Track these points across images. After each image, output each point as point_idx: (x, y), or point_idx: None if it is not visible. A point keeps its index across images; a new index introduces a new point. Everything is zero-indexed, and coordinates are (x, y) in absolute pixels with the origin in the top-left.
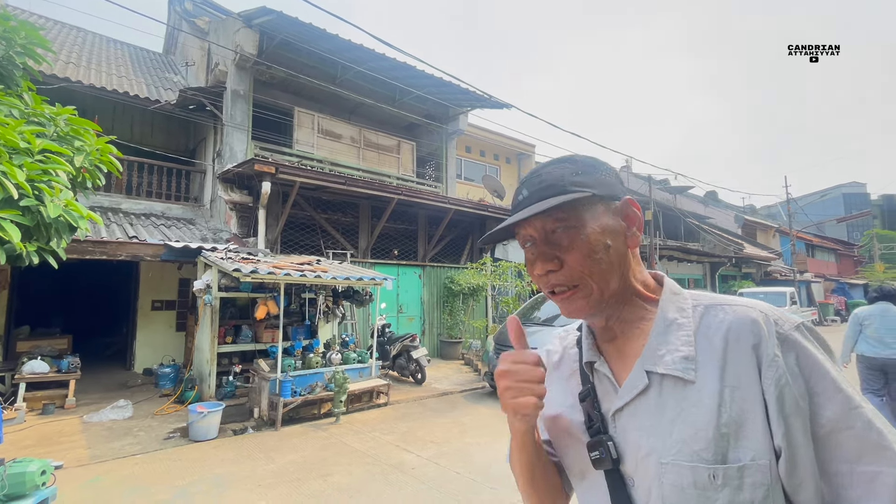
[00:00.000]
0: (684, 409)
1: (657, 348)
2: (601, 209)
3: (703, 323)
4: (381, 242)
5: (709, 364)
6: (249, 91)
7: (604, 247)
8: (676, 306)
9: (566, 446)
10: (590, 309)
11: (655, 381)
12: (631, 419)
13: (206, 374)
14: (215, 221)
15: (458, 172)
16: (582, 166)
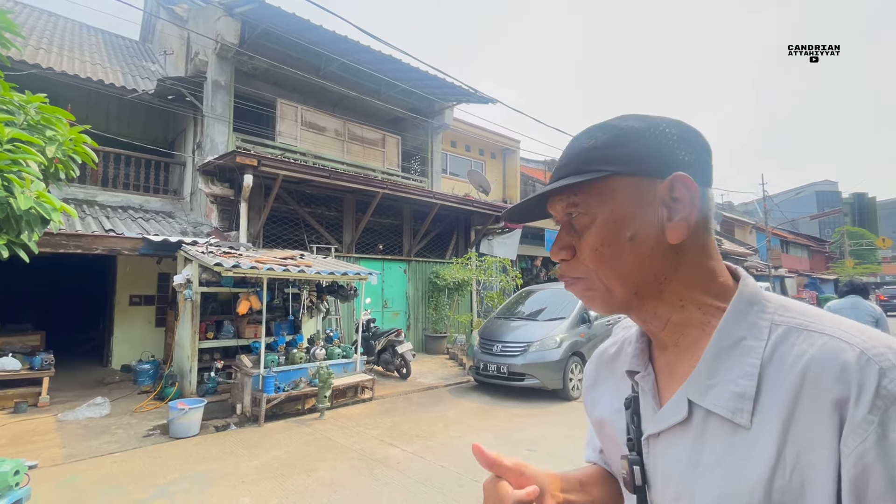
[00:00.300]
0: (729, 459)
1: (708, 375)
2: (629, 191)
3: (779, 351)
4: (365, 237)
5: (772, 409)
6: (231, 81)
7: (620, 239)
8: (749, 322)
9: (611, 453)
10: (599, 306)
11: (699, 415)
12: (666, 450)
13: (186, 371)
14: (196, 215)
15: (444, 167)
16: (613, 136)
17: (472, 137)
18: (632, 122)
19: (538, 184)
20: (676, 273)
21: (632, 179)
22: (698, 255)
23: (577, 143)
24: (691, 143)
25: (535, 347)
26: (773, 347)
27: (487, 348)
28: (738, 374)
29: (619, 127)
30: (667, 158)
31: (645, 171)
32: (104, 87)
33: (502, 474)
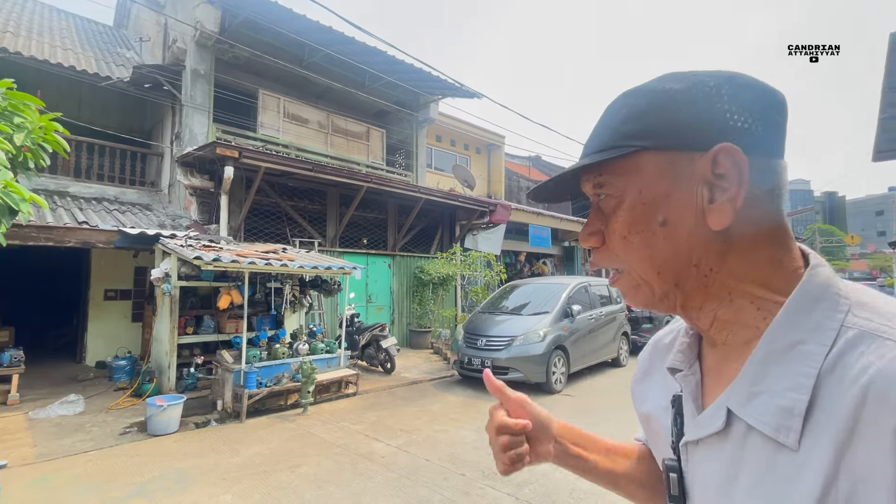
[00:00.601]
0: (770, 481)
1: (753, 381)
2: (661, 168)
3: (844, 361)
4: (349, 231)
5: (826, 429)
6: (211, 71)
7: (650, 225)
8: (813, 321)
9: (658, 450)
10: (642, 302)
11: (739, 427)
12: (705, 460)
13: (165, 366)
14: (174, 207)
15: (429, 162)
16: (648, 102)
17: (457, 132)
18: (671, 83)
19: (523, 180)
20: (724, 263)
21: (666, 154)
22: (755, 241)
23: (609, 114)
24: (750, 103)
25: (519, 341)
26: (838, 355)
27: (472, 343)
28: (787, 384)
29: (656, 91)
30: (712, 126)
31: (682, 144)
32: (76, 73)
33: (504, 402)
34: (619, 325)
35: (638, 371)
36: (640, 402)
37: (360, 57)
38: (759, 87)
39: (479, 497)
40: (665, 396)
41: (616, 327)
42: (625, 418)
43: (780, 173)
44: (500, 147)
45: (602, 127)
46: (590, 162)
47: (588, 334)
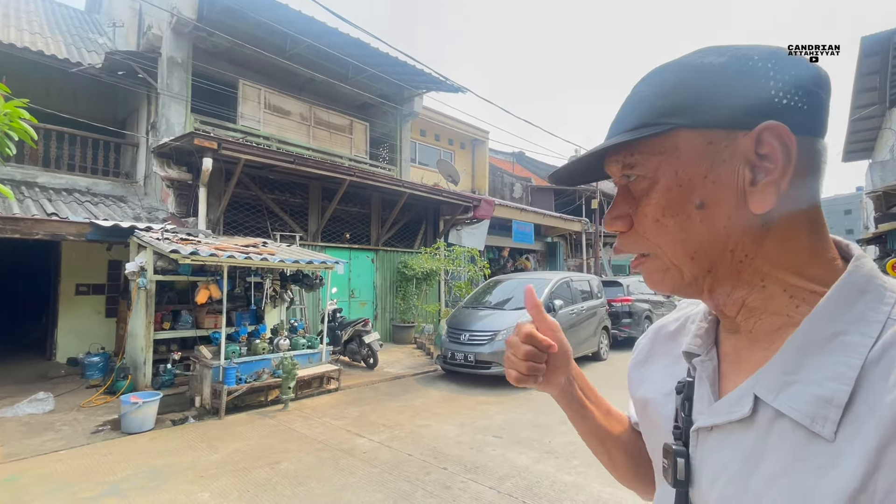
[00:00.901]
0: (798, 471)
1: (788, 369)
2: (699, 147)
3: (890, 353)
4: (332, 225)
5: (867, 421)
6: (188, 59)
7: (686, 207)
8: (856, 313)
9: (650, 436)
10: (669, 287)
11: (765, 414)
12: (717, 448)
13: (140, 363)
14: (150, 199)
15: (413, 156)
16: (684, 76)
17: (441, 127)
18: (711, 56)
19: (507, 175)
20: (761, 249)
21: (704, 133)
22: (794, 227)
23: (640, 89)
24: (795, 80)
25: (502, 336)
26: (885, 348)
27: (455, 337)
28: (827, 374)
29: (693, 65)
30: (756, 102)
31: (723, 122)
32: (45, 58)
33: (537, 321)
34: (600, 320)
35: (637, 356)
36: (636, 386)
37: (344, 48)
38: (804, 63)
39: (460, 491)
40: (667, 382)
41: (597, 322)
42: None
43: (822, 154)
44: (484, 142)
45: (633, 103)
46: (621, 140)
47: (569, 329)
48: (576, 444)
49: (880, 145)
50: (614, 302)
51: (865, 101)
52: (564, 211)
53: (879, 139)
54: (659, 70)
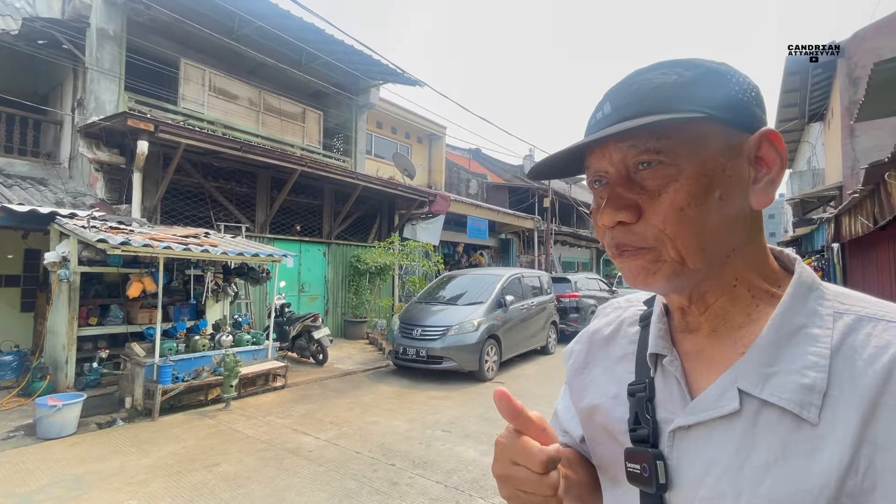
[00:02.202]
0: (787, 457)
1: (767, 362)
2: (720, 142)
3: (849, 342)
4: (281, 217)
5: (845, 404)
6: (122, 32)
7: (709, 198)
8: (809, 308)
9: (599, 444)
10: (662, 283)
11: (750, 407)
12: (699, 446)
13: (62, 362)
14: (75, 183)
15: (368, 148)
16: (700, 73)
17: (398, 120)
18: (713, 64)
19: (463, 171)
20: (744, 247)
21: (724, 128)
22: (759, 229)
23: (652, 77)
24: (763, 102)
25: (454, 331)
26: (842, 337)
27: (407, 332)
28: (803, 364)
29: (704, 66)
30: (752, 111)
31: (736, 121)
32: None
33: (524, 428)
34: (549, 315)
35: (573, 363)
36: (580, 394)
37: (297, 33)
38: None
39: (408, 486)
40: (611, 386)
41: (546, 317)
42: (552, 401)
43: None
44: (441, 138)
45: (649, 89)
46: (660, 119)
47: (520, 323)
48: None
49: (799, 157)
50: (563, 298)
51: (788, 115)
52: (518, 209)
53: (798, 151)
54: (668, 63)
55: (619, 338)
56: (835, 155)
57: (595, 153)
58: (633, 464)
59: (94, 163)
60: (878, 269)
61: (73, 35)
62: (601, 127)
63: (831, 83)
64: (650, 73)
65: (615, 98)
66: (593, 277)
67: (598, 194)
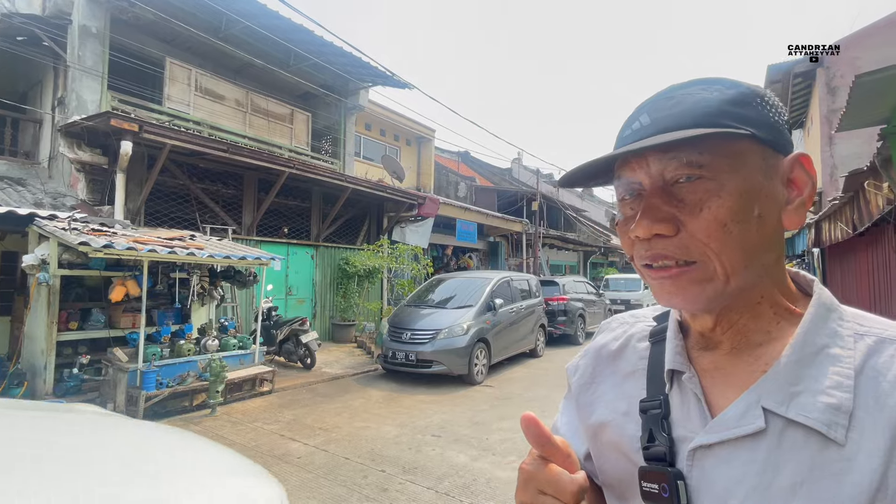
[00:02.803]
0: (816, 479)
1: (791, 381)
2: (759, 161)
3: (871, 363)
4: (268, 219)
5: (872, 425)
6: (105, 30)
7: (750, 215)
8: (830, 328)
9: (607, 461)
10: (703, 301)
11: (776, 426)
12: (722, 466)
13: (40, 367)
14: (55, 184)
15: (357, 150)
16: (740, 92)
17: (387, 122)
18: (752, 85)
19: (452, 174)
20: (774, 265)
21: (762, 148)
22: (784, 249)
23: (692, 91)
24: (788, 120)
25: (444, 335)
26: (864, 358)
27: (397, 336)
28: (828, 384)
29: (744, 85)
30: (786, 134)
31: (772, 142)
32: None
33: (551, 455)
34: (538, 318)
35: (579, 378)
36: (588, 410)
37: (285, 34)
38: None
39: (398, 493)
40: (621, 402)
41: (534, 320)
42: (542, 404)
43: None
44: (430, 140)
45: (691, 103)
46: (720, 133)
47: (509, 327)
48: (512, 439)
49: None
50: (551, 301)
51: None
52: (506, 212)
53: None
54: (709, 80)
55: (628, 353)
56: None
57: (630, 164)
58: (648, 483)
59: (75, 163)
60: (857, 273)
61: (54, 32)
62: (638, 138)
63: (811, 92)
64: (689, 87)
65: (653, 110)
66: (581, 280)
67: (628, 205)
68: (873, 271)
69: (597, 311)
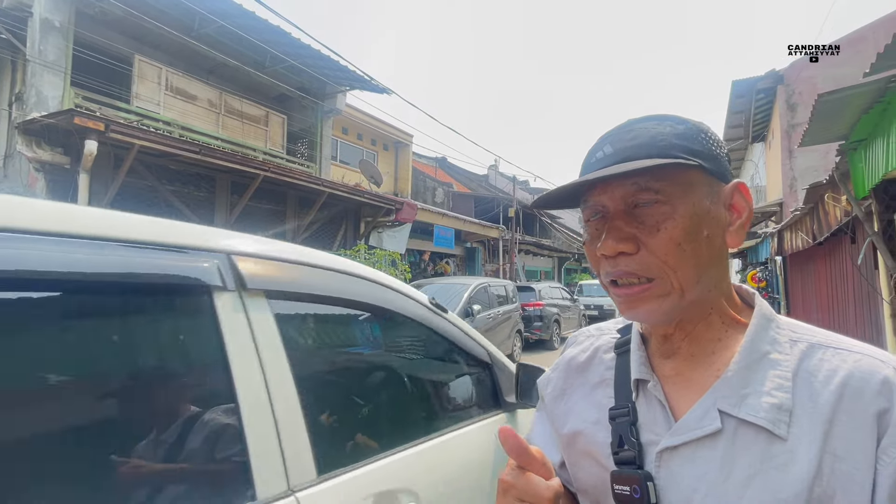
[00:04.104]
0: (765, 471)
1: (740, 385)
2: (705, 188)
3: (805, 366)
4: (242, 223)
5: (808, 421)
6: (70, 24)
7: (700, 235)
8: (770, 336)
9: (581, 469)
10: (661, 313)
11: (730, 426)
12: (686, 465)
13: None
14: (12, 183)
15: (334, 154)
16: (688, 128)
17: (365, 126)
18: (696, 121)
19: (429, 180)
20: (720, 280)
21: (708, 177)
22: (728, 266)
23: (649, 126)
24: (728, 154)
25: None
26: (799, 362)
27: None
28: (771, 386)
29: (690, 122)
30: (726, 165)
31: (716, 172)
32: None
33: (527, 464)
34: (514, 324)
35: (552, 390)
36: (562, 420)
37: (261, 35)
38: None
39: None
40: (591, 411)
41: (511, 325)
42: None
43: None
44: (408, 146)
45: (649, 137)
46: (675, 163)
47: (486, 333)
48: None
49: (744, 174)
50: (527, 306)
51: (734, 135)
52: (483, 218)
53: (743, 169)
54: (663, 117)
55: (595, 364)
56: (775, 173)
57: (597, 189)
58: (620, 486)
59: (33, 162)
60: (816, 280)
61: (13, 24)
62: (602, 166)
63: (772, 107)
64: (645, 122)
65: (615, 141)
66: (556, 286)
67: (594, 226)
68: (831, 279)
69: (571, 317)
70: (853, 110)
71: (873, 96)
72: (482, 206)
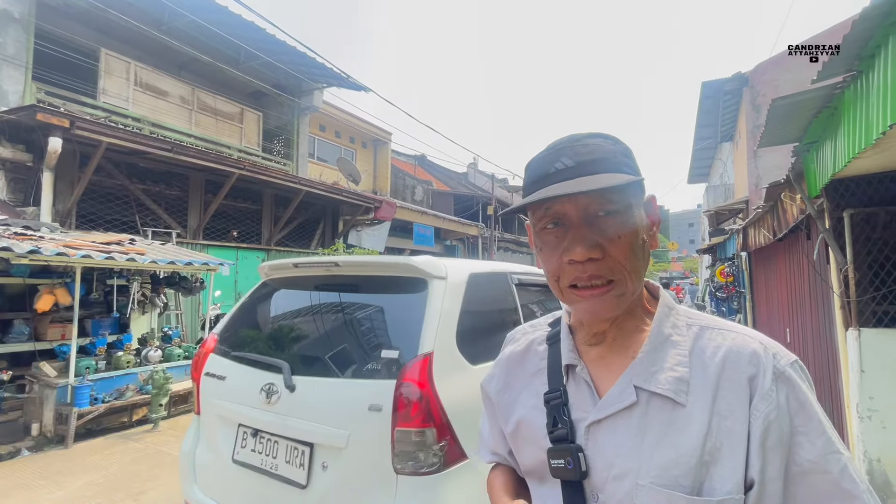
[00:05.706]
0: (669, 433)
1: (650, 364)
2: (640, 200)
3: (698, 345)
4: (217, 222)
5: (700, 389)
6: (30, 16)
7: (641, 241)
8: (671, 321)
9: (523, 452)
10: (617, 309)
11: (643, 399)
12: (608, 435)
13: None
14: None
15: (311, 151)
16: (625, 147)
17: (342, 124)
18: (615, 137)
19: (409, 178)
20: (643, 277)
21: (641, 191)
22: None
23: (599, 143)
24: None
25: None
26: (694, 341)
27: None
28: (673, 362)
29: (621, 142)
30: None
31: (642, 186)
32: None
33: None
34: None
35: (495, 385)
36: (508, 411)
37: (235, 30)
38: None
39: None
40: (531, 399)
41: None
42: None
43: None
44: (386, 143)
45: (603, 154)
46: (635, 181)
47: None
48: None
49: (714, 172)
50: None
51: (704, 134)
52: (463, 216)
53: (713, 167)
54: (604, 135)
55: (531, 356)
56: (742, 172)
57: (562, 198)
58: (556, 460)
59: None
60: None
61: None
62: (565, 177)
63: (738, 108)
64: (594, 138)
65: (573, 154)
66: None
67: (552, 234)
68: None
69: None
70: (805, 114)
71: (822, 101)
72: (462, 204)
